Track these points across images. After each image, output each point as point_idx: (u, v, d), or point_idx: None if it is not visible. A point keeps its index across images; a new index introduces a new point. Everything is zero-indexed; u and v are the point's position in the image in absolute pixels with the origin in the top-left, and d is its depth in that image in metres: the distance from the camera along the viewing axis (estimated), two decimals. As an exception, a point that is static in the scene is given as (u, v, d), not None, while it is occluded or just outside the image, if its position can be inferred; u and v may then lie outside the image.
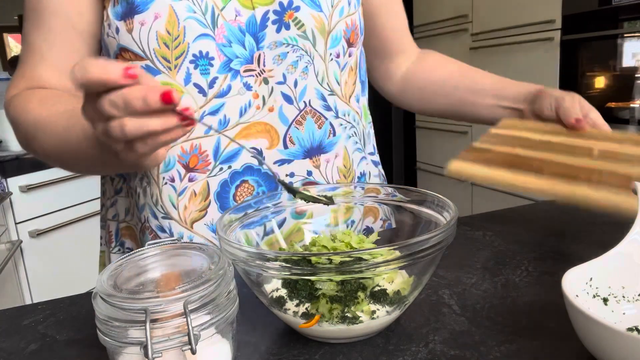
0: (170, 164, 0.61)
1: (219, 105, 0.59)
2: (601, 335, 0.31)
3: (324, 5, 0.62)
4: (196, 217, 0.62)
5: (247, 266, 0.38)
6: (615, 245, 0.41)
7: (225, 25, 0.58)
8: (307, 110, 0.63)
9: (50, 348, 0.43)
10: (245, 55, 0.60)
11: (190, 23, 0.57)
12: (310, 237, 0.52)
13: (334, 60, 0.65)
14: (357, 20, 0.66)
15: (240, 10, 0.59)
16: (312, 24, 0.61)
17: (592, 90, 2.00)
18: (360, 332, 0.39)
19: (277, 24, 0.60)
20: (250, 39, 0.59)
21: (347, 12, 0.64)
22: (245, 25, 0.59)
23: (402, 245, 0.36)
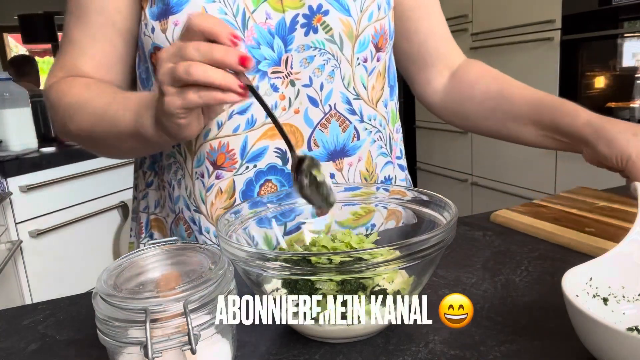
0: (201, 159, 0.62)
1: (246, 105, 0.61)
2: (601, 335, 0.31)
3: (352, 9, 0.62)
4: (221, 214, 0.62)
5: (247, 266, 0.38)
6: (615, 245, 0.42)
7: (255, 28, 0.59)
8: (332, 114, 0.64)
9: (50, 348, 0.43)
10: (274, 57, 0.60)
11: None
12: (310, 237, 0.52)
13: (361, 65, 0.65)
14: (386, 25, 0.66)
15: (270, 13, 0.60)
16: (340, 28, 0.62)
17: (592, 90, 2.00)
18: (360, 332, 0.39)
19: (306, 28, 0.61)
20: (279, 41, 0.60)
21: (376, 17, 0.64)
22: (275, 28, 0.60)
23: (402, 245, 0.36)
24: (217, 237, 0.41)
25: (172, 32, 0.59)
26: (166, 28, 0.59)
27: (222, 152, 0.61)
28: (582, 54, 2.01)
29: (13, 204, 1.79)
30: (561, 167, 2.14)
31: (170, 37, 0.59)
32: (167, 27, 0.59)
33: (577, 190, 0.72)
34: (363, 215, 0.63)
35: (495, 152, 2.49)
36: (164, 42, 0.59)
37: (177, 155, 0.65)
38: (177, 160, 0.65)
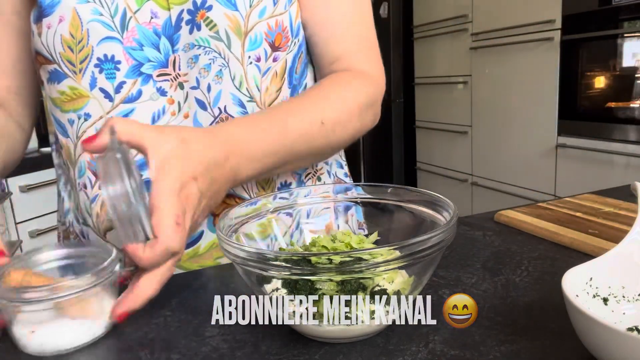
0: (82, 170, 0.60)
1: (127, 111, 0.57)
2: (601, 335, 0.31)
3: (240, 4, 0.57)
4: (109, 226, 0.60)
5: (247, 266, 0.38)
6: (616, 245, 0.42)
7: (138, 28, 0.56)
8: (222, 117, 0.59)
9: (50, 348, 0.43)
10: (160, 59, 0.57)
11: (94, 26, 0.55)
12: (311, 237, 0.52)
13: (254, 64, 0.59)
14: (286, 21, 0.60)
15: (157, 12, 0.56)
16: (225, 23, 0.57)
17: (592, 90, 2.00)
18: (360, 332, 0.39)
19: (190, 25, 0.57)
20: (165, 41, 0.57)
21: (270, 13, 0.59)
22: (162, 28, 0.56)
23: (402, 245, 0.36)
24: (218, 237, 0.41)
25: (46, 36, 0.56)
26: (41, 32, 0.56)
27: None
28: (582, 54, 2.01)
29: (13, 204, 1.79)
30: (561, 167, 2.14)
31: (44, 41, 0.56)
32: (42, 31, 0.56)
33: (584, 195, 0.72)
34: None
35: (495, 152, 2.50)
36: (40, 47, 0.57)
37: (63, 165, 0.62)
38: (65, 171, 0.63)
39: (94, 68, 0.56)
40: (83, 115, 0.58)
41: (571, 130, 2.07)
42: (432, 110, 2.97)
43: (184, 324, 0.45)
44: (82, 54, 0.56)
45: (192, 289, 0.53)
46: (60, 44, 0.56)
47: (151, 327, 0.45)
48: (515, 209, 0.68)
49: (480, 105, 2.54)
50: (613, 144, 1.90)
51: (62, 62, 0.56)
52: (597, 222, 0.61)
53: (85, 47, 0.55)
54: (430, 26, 2.85)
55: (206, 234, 0.62)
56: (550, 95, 2.12)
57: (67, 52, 0.56)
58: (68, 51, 0.56)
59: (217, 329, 0.43)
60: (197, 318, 0.46)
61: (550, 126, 2.15)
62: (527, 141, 2.29)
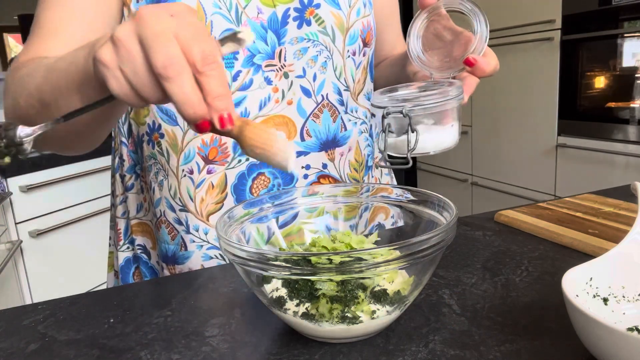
0: (190, 156, 0.62)
1: (241, 98, 0.61)
2: (601, 335, 0.31)
3: (342, 3, 0.64)
4: (212, 210, 0.63)
5: (247, 266, 0.38)
6: (616, 245, 0.42)
7: (249, 22, 0.60)
8: (324, 104, 0.65)
9: (50, 348, 0.43)
10: (267, 51, 0.61)
11: (217, 18, 0.58)
12: (311, 237, 0.52)
13: (351, 57, 0.67)
14: (371, 22, 0.69)
15: (262, 8, 0.61)
16: (331, 20, 0.64)
17: (592, 90, 2.00)
18: (360, 332, 0.39)
19: (299, 21, 0.62)
20: (272, 35, 0.61)
21: (363, 13, 0.67)
22: (267, 22, 0.61)
23: (402, 245, 0.36)
24: (218, 237, 0.41)
25: None
26: None
27: (214, 146, 0.62)
28: (582, 54, 2.01)
29: (13, 204, 1.79)
30: (561, 167, 2.14)
31: None
32: None
33: (584, 195, 0.72)
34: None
35: (495, 152, 2.49)
36: None
37: (157, 155, 0.64)
38: (157, 161, 0.64)
39: None
40: None
41: (571, 130, 2.07)
42: (432, 110, 2.97)
43: (184, 324, 0.45)
44: None
45: (192, 289, 0.53)
46: None
47: (151, 327, 0.45)
48: (515, 209, 0.68)
49: (480, 105, 2.54)
50: (613, 144, 1.90)
51: None
52: (597, 222, 0.61)
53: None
54: (430, 26, 2.85)
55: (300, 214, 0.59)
56: (550, 95, 2.12)
57: None
58: None
59: (217, 329, 0.43)
60: (197, 318, 0.46)
61: (550, 126, 2.15)
62: (527, 141, 2.28)
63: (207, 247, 0.65)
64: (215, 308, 0.48)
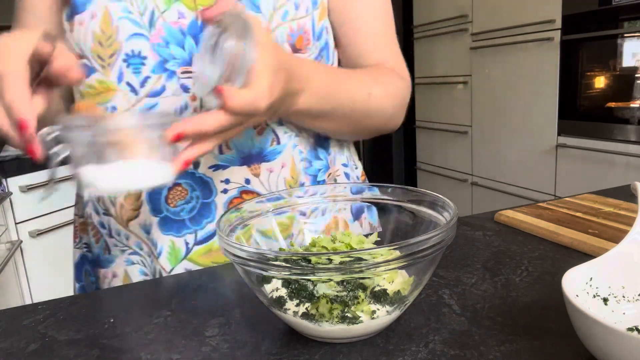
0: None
1: (151, 105, 0.59)
2: (601, 335, 0.31)
3: (263, 6, 0.59)
4: (131, 216, 0.63)
5: (247, 266, 0.38)
6: (616, 245, 0.42)
7: (165, 27, 0.58)
8: None
9: (50, 348, 0.43)
10: (184, 57, 0.59)
11: (124, 23, 0.58)
12: (311, 237, 0.52)
13: None
14: (308, 24, 0.63)
15: (184, 13, 0.58)
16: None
17: (592, 90, 2.00)
18: (360, 332, 0.39)
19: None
20: (190, 40, 0.59)
21: (292, 16, 0.61)
22: (187, 27, 0.58)
23: (402, 245, 0.36)
24: (218, 237, 0.41)
25: (78, 32, 0.58)
26: (73, 29, 0.59)
27: None
28: (582, 54, 2.01)
29: (13, 204, 1.79)
30: (561, 167, 2.14)
31: (76, 37, 0.59)
32: (74, 28, 0.59)
33: (584, 195, 0.72)
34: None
35: (495, 152, 2.49)
36: (71, 43, 0.59)
37: None
38: None
39: (121, 62, 0.59)
40: (110, 108, 0.61)
41: (571, 130, 2.07)
42: (432, 110, 2.97)
43: (184, 324, 0.45)
44: (111, 49, 0.58)
45: (192, 289, 0.53)
46: (91, 39, 0.58)
47: (151, 327, 0.45)
48: (515, 209, 0.68)
49: (480, 105, 2.54)
50: (613, 144, 1.90)
51: (91, 56, 0.59)
52: (597, 222, 0.61)
53: (115, 42, 0.58)
54: (430, 26, 2.85)
55: None
56: (550, 95, 2.12)
57: (97, 47, 0.59)
58: (98, 46, 0.59)
59: (217, 329, 0.43)
60: (197, 318, 0.46)
61: (550, 126, 2.15)
62: (527, 141, 2.28)
63: (128, 252, 0.65)
64: (215, 308, 0.48)
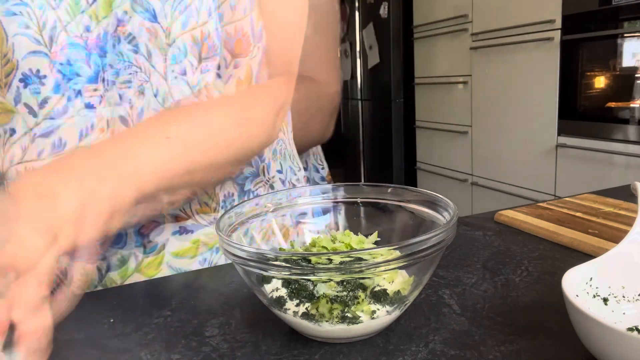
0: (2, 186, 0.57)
1: (52, 127, 0.55)
2: (601, 335, 0.31)
3: (160, 15, 0.55)
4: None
5: (247, 266, 0.38)
6: (616, 245, 0.42)
7: (68, 42, 0.53)
8: None
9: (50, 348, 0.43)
10: (89, 75, 0.55)
11: (20, 39, 0.52)
12: (311, 237, 0.52)
13: (180, 78, 0.57)
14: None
15: (90, 26, 0.54)
16: (145, 37, 0.55)
17: (592, 90, 2.00)
18: (360, 332, 0.39)
19: (113, 39, 0.55)
20: (95, 57, 0.55)
21: (192, 25, 0.56)
22: (94, 42, 0.54)
23: (402, 245, 0.36)
24: (218, 237, 0.41)
25: None
26: None
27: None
28: (582, 54, 2.01)
29: (13, 204, 1.79)
30: (561, 167, 2.14)
31: None
32: None
33: (584, 195, 0.72)
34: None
35: (495, 152, 2.49)
36: None
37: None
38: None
39: (18, 83, 0.54)
40: (9, 130, 0.56)
41: (571, 130, 2.07)
42: (432, 110, 2.97)
43: (184, 324, 0.45)
44: (8, 68, 0.54)
45: (192, 289, 0.53)
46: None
47: (151, 327, 0.45)
48: (515, 209, 0.68)
49: (480, 105, 2.54)
50: (613, 144, 1.90)
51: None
52: (597, 222, 0.61)
53: (11, 60, 0.53)
54: (430, 26, 2.85)
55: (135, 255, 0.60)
56: (550, 95, 2.12)
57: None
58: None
59: (217, 329, 0.43)
60: (197, 318, 0.46)
61: (550, 126, 2.15)
62: (527, 141, 2.28)
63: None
64: (215, 308, 0.48)
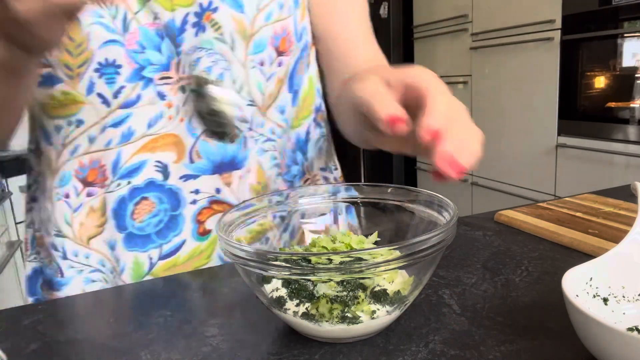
0: (65, 178, 0.58)
1: (124, 117, 0.56)
2: (601, 335, 0.31)
3: (247, 5, 0.56)
4: (93, 233, 0.60)
5: (247, 266, 0.38)
6: (616, 245, 0.42)
7: (140, 30, 0.54)
8: None
9: (50, 348, 0.43)
10: (162, 62, 0.56)
11: (95, 29, 0.53)
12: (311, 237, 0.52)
13: (257, 68, 0.59)
14: (290, 26, 0.60)
15: (159, 13, 0.54)
16: (231, 26, 0.56)
17: (592, 90, 2.00)
18: (360, 332, 0.39)
19: (196, 27, 0.56)
20: (168, 43, 0.55)
21: (277, 17, 0.59)
22: (164, 29, 0.55)
23: (402, 245, 0.36)
24: (218, 237, 0.41)
25: None
26: None
27: (94, 167, 0.57)
28: (582, 54, 2.01)
29: (13, 204, 1.79)
30: (561, 167, 2.14)
31: None
32: None
33: (584, 195, 0.72)
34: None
35: (495, 152, 2.49)
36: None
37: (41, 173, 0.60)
38: (37, 179, 0.60)
39: (93, 73, 0.54)
40: (74, 122, 0.57)
41: (571, 130, 2.07)
42: (432, 110, 2.97)
43: (184, 324, 0.45)
44: (82, 58, 0.54)
45: (192, 289, 0.53)
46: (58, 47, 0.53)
47: (151, 327, 0.45)
48: (515, 209, 0.68)
49: (480, 105, 2.54)
50: (613, 144, 1.90)
51: (58, 66, 0.54)
52: (597, 222, 0.61)
53: (86, 50, 0.53)
54: (430, 26, 2.85)
55: (188, 243, 0.60)
56: (550, 95, 2.12)
57: (64, 55, 0.54)
58: (66, 55, 0.54)
59: (217, 329, 0.43)
60: (197, 318, 0.46)
61: (550, 126, 2.15)
62: (527, 141, 2.28)
63: (88, 270, 0.61)
64: (215, 308, 0.48)
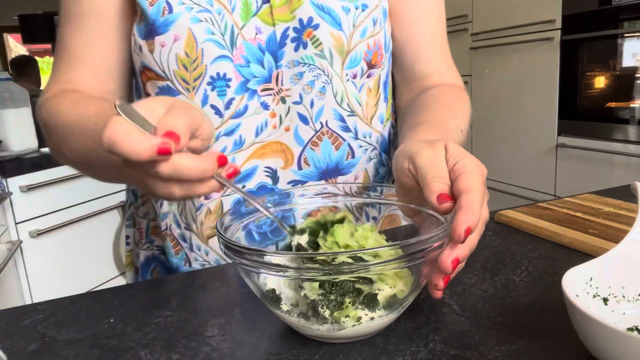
0: None
1: (235, 126, 0.59)
2: (601, 335, 0.31)
3: (344, 23, 0.60)
4: (211, 234, 0.63)
5: (247, 266, 0.38)
6: (616, 245, 0.42)
7: (245, 45, 0.58)
8: (323, 131, 0.62)
9: (50, 348, 0.43)
10: (264, 74, 0.59)
11: (208, 45, 0.57)
12: None
13: (351, 81, 0.63)
14: (381, 39, 0.64)
15: (261, 28, 0.58)
16: (330, 42, 0.59)
17: (592, 90, 2.00)
18: (360, 332, 0.39)
19: (296, 42, 0.59)
20: (269, 57, 0.59)
21: (370, 33, 0.62)
22: (265, 43, 0.58)
23: (402, 245, 0.36)
24: (218, 237, 0.41)
25: (159, 54, 0.57)
26: (153, 49, 0.57)
27: None
28: (582, 54, 2.01)
29: (13, 204, 1.79)
30: (561, 167, 2.14)
31: (157, 58, 0.57)
32: (154, 48, 0.57)
33: (584, 195, 0.72)
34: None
35: (495, 152, 2.49)
36: (152, 63, 0.58)
37: None
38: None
39: (206, 86, 0.58)
40: None
41: (571, 130, 2.07)
42: (432, 110, 2.97)
43: (184, 324, 0.45)
44: (196, 73, 0.58)
45: (192, 289, 0.53)
46: (175, 62, 0.57)
47: (151, 327, 0.45)
48: (515, 209, 0.68)
49: (480, 105, 2.54)
50: (613, 144, 1.90)
51: (175, 79, 0.58)
52: (597, 222, 0.61)
53: (200, 65, 0.57)
54: (430, 26, 2.85)
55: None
56: (550, 95, 2.12)
57: (181, 70, 0.58)
58: (182, 70, 0.58)
59: (217, 329, 0.43)
60: (197, 318, 0.46)
61: (550, 126, 2.15)
62: (527, 141, 2.28)
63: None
64: (215, 308, 0.48)
